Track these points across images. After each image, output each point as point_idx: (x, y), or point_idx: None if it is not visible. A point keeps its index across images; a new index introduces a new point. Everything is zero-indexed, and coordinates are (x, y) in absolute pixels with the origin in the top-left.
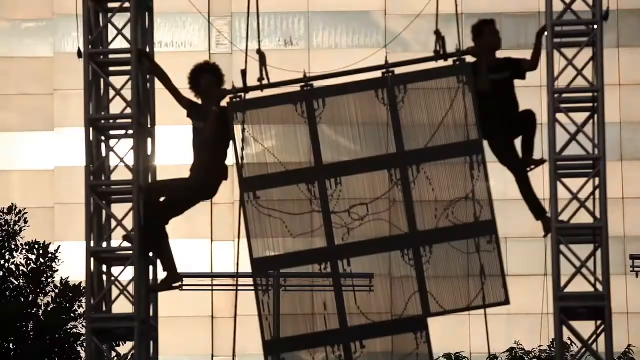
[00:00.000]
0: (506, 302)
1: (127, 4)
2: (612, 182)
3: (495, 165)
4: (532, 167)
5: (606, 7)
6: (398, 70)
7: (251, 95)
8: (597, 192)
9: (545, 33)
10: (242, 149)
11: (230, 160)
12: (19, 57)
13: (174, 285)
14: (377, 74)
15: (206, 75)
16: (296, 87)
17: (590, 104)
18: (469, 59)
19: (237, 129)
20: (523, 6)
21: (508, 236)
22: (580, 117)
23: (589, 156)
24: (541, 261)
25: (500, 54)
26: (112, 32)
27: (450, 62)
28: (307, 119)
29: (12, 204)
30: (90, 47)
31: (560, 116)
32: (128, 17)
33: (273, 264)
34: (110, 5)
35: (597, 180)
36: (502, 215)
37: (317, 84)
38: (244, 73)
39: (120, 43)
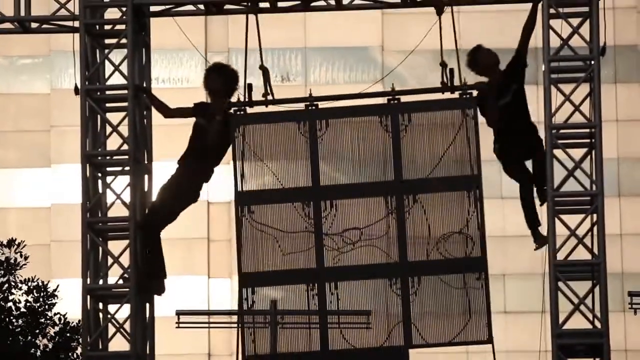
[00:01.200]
0: (489, 341)
1: (124, 40)
2: (610, 219)
3: (495, 202)
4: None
5: (603, 42)
6: (404, 99)
7: (254, 110)
8: (595, 228)
9: (541, 4)
10: (241, 162)
11: (226, 195)
12: (16, 93)
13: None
14: (383, 100)
15: (213, 75)
16: (300, 106)
17: (588, 140)
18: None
19: (238, 142)
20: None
21: (506, 272)
22: (577, 153)
23: (586, 192)
24: (539, 298)
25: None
26: (109, 68)
27: (456, 94)
28: (308, 138)
29: (12, 237)
30: (87, 83)
31: (557, 152)
32: (125, 53)
33: (260, 280)
34: (107, 41)
35: (595, 216)
36: (500, 252)
37: (321, 105)
38: (249, 87)
39: (117, 79)
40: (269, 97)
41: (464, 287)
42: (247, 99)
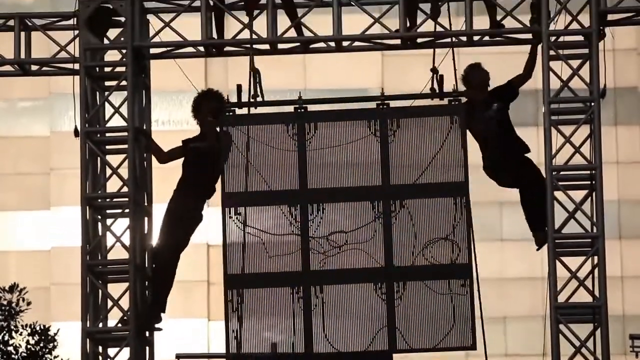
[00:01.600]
0: (472, 347)
1: (124, 82)
2: (611, 261)
3: (494, 244)
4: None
5: (603, 84)
6: (393, 104)
7: (243, 111)
8: (596, 270)
9: (541, 46)
10: (229, 163)
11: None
12: (15, 136)
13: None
14: (372, 104)
15: (206, 103)
16: (290, 108)
17: (589, 182)
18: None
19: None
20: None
21: (507, 315)
22: (578, 194)
23: (587, 234)
24: (540, 341)
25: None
26: (109, 110)
27: (445, 101)
28: (297, 141)
29: (14, 283)
30: (87, 125)
31: (558, 194)
32: (125, 95)
33: (246, 282)
34: (107, 83)
35: (595, 258)
36: (500, 294)
37: (311, 107)
38: (239, 88)
39: (117, 121)
40: (259, 99)
41: (449, 293)
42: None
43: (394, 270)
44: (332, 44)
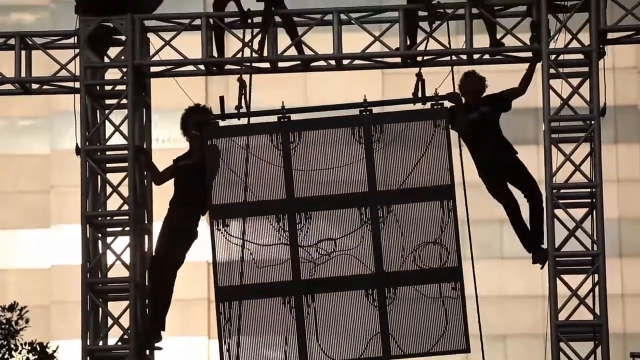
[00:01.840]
0: (467, 349)
1: (124, 101)
2: (611, 279)
3: (494, 262)
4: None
5: (603, 102)
6: (376, 110)
7: (227, 122)
8: (597, 288)
9: (540, 64)
10: (214, 175)
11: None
12: (16, 154)
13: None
14: (355, 111)
15: (191, 118)
16: (273, 118)
17: (589, 200)
18: (447, 103)
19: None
20: (520, 102)
21: (507, 333)
22: (578, 212)
23: (588, 252)
24: (541, 359)
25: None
26: (109, 128)
27: (428, 105)
28: (281, 150)
29: (14, 302)
30: (87, 143)
31: (558, 212)
32: (125, 113)
33: (237, 294)
34: (108, 101)
35: (596, 276)
36: (501, 312)
37: (294, 117)
38: (222, 99)
39: (117, 139)
40: (242, 110)
41: (440, 297)
42: (220, 112)
43: (384, 275)
44: (333, 62)
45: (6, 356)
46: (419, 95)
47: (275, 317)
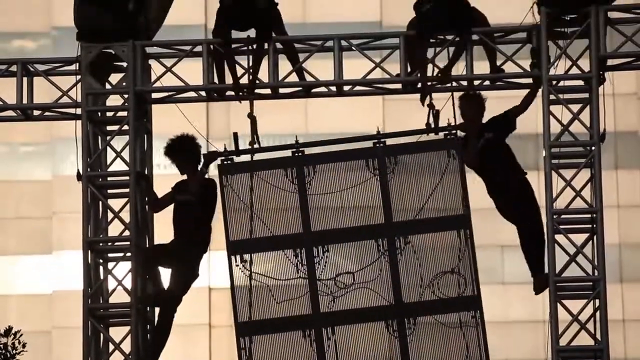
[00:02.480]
0: None
1: (125, 127)
2: (612, 304)
3: (496, 287)
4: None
5: (603, 128)
6: (389, 141)
7: (242, 158)
8: (598, 314)
9: (541, 89)
10: (231, 211)
11: (228, 281)
12: (17, 180)
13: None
14: (369, 143)
15: (172, 154)
16: (287, 153)
17: (589, 225)
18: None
19: (227, 192)
20: (521, 127)
21: (509, 358)
22: (579, 238)
23: (588, 277)
24: None
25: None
26: (110, 154)
27: (441, 135)
28: (297, 184)
29: (9, 326)
30: (88, 169)
31: (559, 237)
32: (127, 139)
33: (257, 329)
34: (109, 128)
35: (597, 301)
36: (502, 337)
37: (308, 150)
38: (235, 136)
39: (118, 165)
40: (256, 146)
41: (460, 326)
42: (234, 148)
43: (404, 306)
44: (334, 88)
45: None
46: (432, 125)
47: (296, 351)
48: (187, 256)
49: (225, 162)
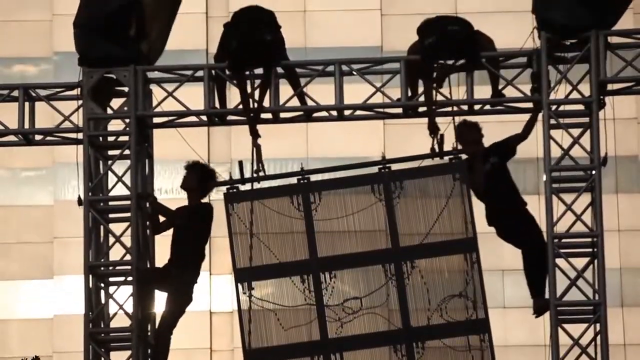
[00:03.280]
0: None
1: (127, 151)
2: (613, 328)
3: (496, 311)
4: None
5: (604, 153)
6: (394, 167)
7: (247, 186)
8: (599, 338)
9: (541, 114)
10: (237, 239)
11: (229, 305)
12: (18, 205)
13: None
14: (374, 169)
15: (188, 173)
16: (293, 180)
17: (590, 249)
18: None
19: (233, 220)
20: (521, 151)
21: None
22: (580, 262)
23: (589, 302)
24: None
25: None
26: (112, 178)
27: (446, 159)
28: (303, 211)
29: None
30: (90, 194)
31: (560, 261)
32: (128, 164)
33: (266, 356)
34: (110, 152)
35: (598, 326)
36: None
37: (313, 177)
38: (241, 164)
39: (120, 190)
40: (261, 174)
41: (469, 350)
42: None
43: (412, 331)
44: (335, 112)
45: None
46: (437, 150)
47: None
48: (180, 281)
49: (230, 190)
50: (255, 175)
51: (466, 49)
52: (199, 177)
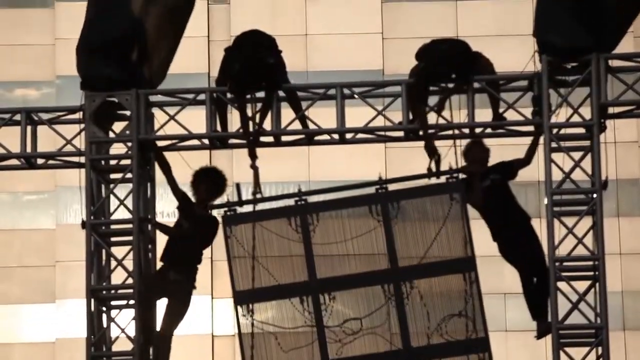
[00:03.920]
0: None
1: (129, 175)
2: (615, 352)
3: (498, 335)
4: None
5: (605, 176)
6: (392, 187)
7: (245, 208)
8: None
9: (543, 138)
10: (236, 261)
11: (230, 329)
12: (20, 229)
13: None
14: (372, 189)
15: (204, 179)
16: (290, 202)
17: (592, 273)
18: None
19: (231, 242)
20: (522, 174)
21: None
22: (581, 285)
23: (591, 325)
24: None
25: None
26: (114, 202)
27: (443, 179)
28: (301, 233)
29: None
30: (92, 217)
31: (561, 284)
32: (130, 187)
33: None
34: (112, 176)
35: (600, 349)
36: None
37: (311, 198)
38: (238, 187)
39: (122, 213)
40: (259, 196)
41: None
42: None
43: (412, 351)
44: (336, 136)
45: None
46: (434, 170)
47: None
48: (180, 288)
49: (228, 213)
50: (253, 197)
51: (458, 66)
52: (210, 190)
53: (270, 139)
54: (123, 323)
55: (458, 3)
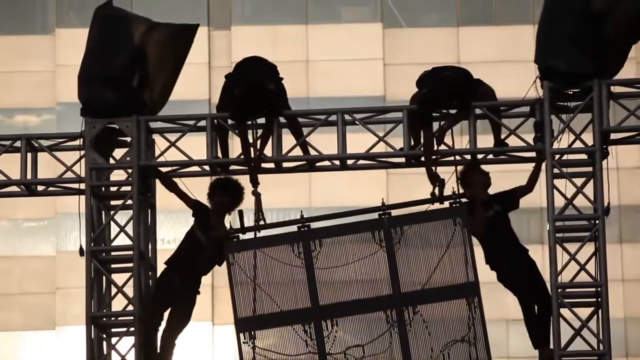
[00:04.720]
0: None
1: (129, 202)
2: None
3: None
4: None
5: (607, 202)
6: (395, 212)
7: (248, 235)
8: None
9: (545, 164)
10: (239, 288)
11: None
12: (21, 256)
13: None
14: (374, 215)
15: (221, 190)
16: (293, 228)
17: (594, 299)
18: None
19: (234, 269)
20: (525, 201)
21: None
22: (584, 312)
23: (594, 352)
24: None
25: None
26: (114, 229)
27: (446, 204)
28: (303, 259)
29: None
30: (92, 244)
31: (564, 311)
32: (130, 214)
33: None
34: (113, 202)
35: None
36: None
37: (314, 225)
38: (241, 213)
39: (122, 240)
40: (261, 222)
41: None
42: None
43: None
44: (337, 162)
45: None
46: (437, 195)
47: None
48: (183, 301)
49: (232, 240)
50: (255, 224)
51: (459, 93)
52: (231, 198)
53: (272, 165)
54: (123, 350)
55: (459, 29)
